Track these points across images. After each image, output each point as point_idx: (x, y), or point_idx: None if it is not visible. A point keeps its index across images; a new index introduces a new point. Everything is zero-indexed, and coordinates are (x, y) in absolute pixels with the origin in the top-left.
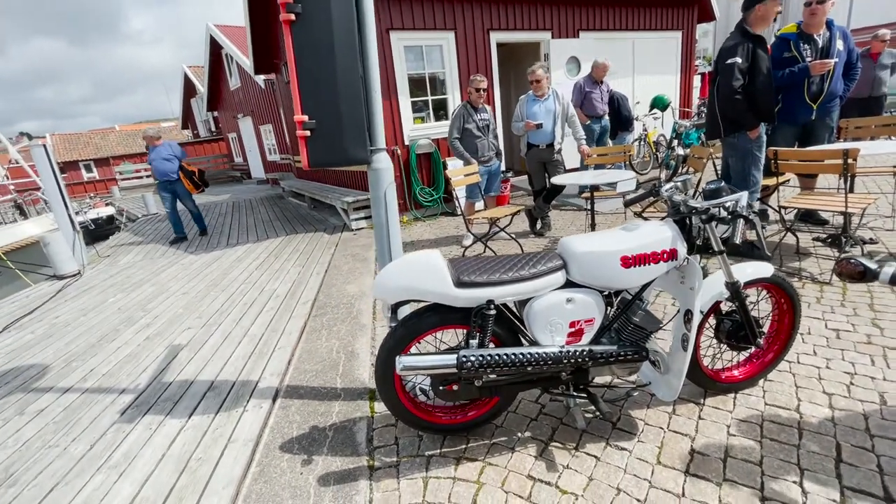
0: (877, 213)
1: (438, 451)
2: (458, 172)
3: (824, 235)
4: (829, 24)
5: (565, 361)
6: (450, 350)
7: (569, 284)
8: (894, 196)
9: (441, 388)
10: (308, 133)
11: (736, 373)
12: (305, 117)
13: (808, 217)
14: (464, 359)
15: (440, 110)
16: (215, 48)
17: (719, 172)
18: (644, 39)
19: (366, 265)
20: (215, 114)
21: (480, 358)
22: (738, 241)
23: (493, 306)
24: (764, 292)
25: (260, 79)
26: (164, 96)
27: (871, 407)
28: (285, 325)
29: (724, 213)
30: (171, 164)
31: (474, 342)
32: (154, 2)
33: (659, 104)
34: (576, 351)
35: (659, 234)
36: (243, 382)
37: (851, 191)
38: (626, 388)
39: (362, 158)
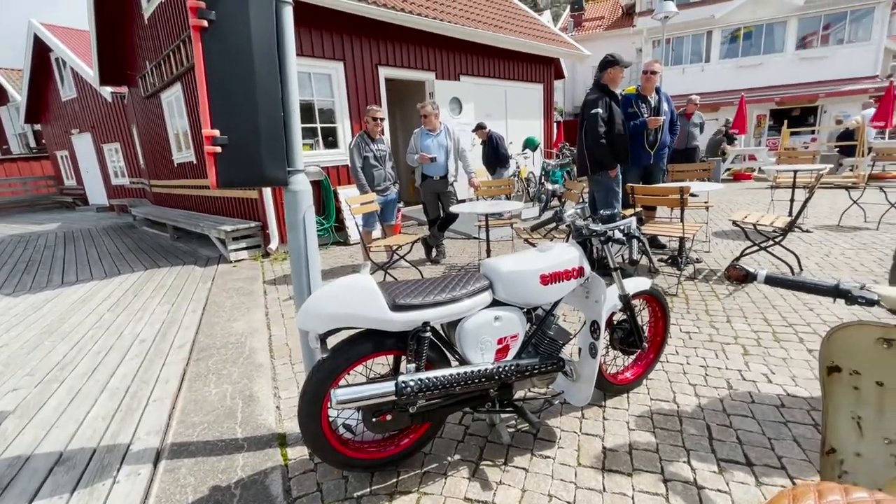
0: (697, 239)
1: (368, 489)
2: (357, 200)
3: (666, 257)
4: (658, 90)
5: (497, 377)
6: (382, 377)
7: (494, 303)
8: (706, 226)
9: (374, 419)
10: (218, 149)
11: (628, 374)
12: (216, 132)
13: (651, 242)
14: (403, 384)
15: (329, 137)
16: (41, 50)
17: (586, 203)
18: (514, 88)
19: (252, 299)
20: (37, 127)
21: (419, 382)
22: (636, 257)
23: (428, 328)
24: (643, 302)
25: (106, 91)
26: None
27: (723, 392)
28: (158, 373)
29: (619, 235)
30: None
31: (411, 366)
32: None
33: (530, 145)
34: (506, 366)
35: (568, 254)
36: (108, 448)
37: (681, 220)
38: (539, 400)
39: (280, 179)
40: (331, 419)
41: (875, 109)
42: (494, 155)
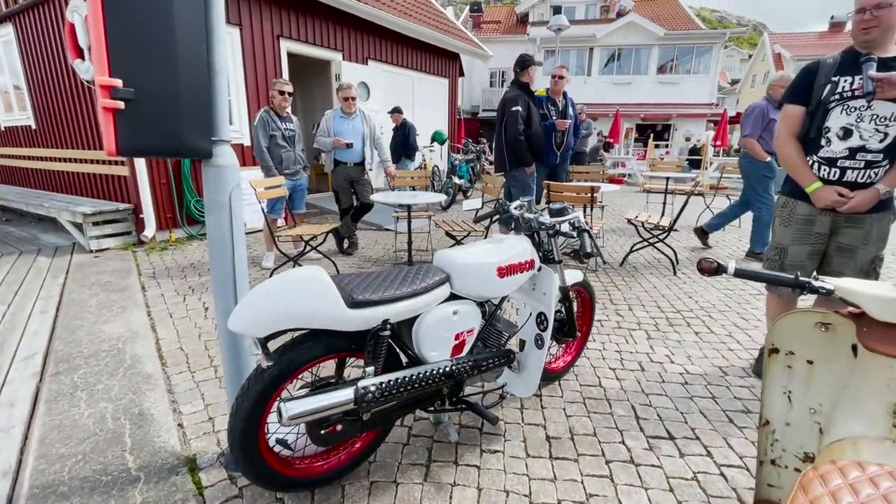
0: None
1: None
2: (262, 184)
3: (569, 250)
4: (565, 94)
5: (456, 374)
6: (327, 383)
7: (450, 297)
8: (602, 222)
9: (322, 431)
10: (120, 105)
11: (560, 362)
12: (117, 82)
13: None
14: (363, 390)
15: None
16: None
17: (501, 197)
18: (422, 80)
19: (127, 296)
20: None
21: (380, 386)
22: (589, 250)
23: (388, 326)
24: (574, 293)
25: None
26: None
27: (638, 374)
28: None
29: (566, 229)
30: None
31: (370, 369)
32: None
33: (438, 139)
34: (464, 362)
35: (521, 246)
36: None
37: (588, 216)
38: (479, 395)
39: (203, 150)
40: (267, 436)
41: (714, 132)
42: (404, 144)
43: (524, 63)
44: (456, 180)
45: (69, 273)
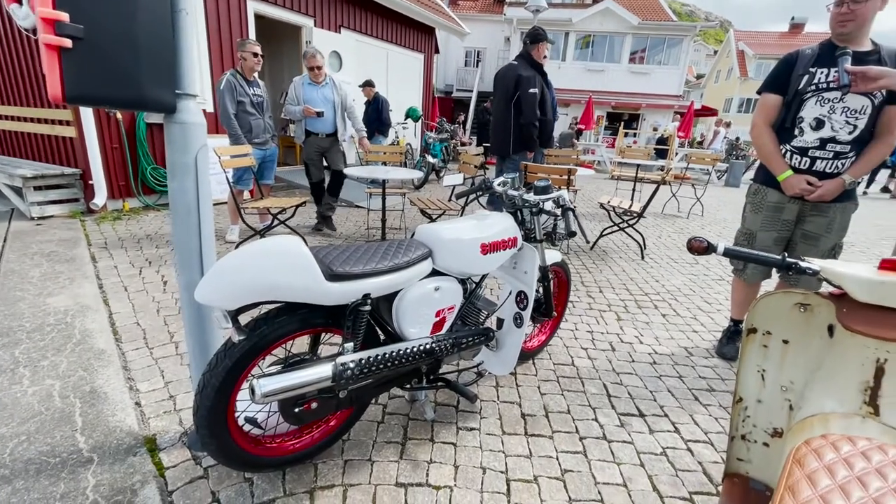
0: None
1: (282, 491)
2: (228, 151)
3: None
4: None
5: (436, 352)
6: (301, 359)
7: (431, 273)
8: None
9: (297, 409)
10: (67, 43)
11: (535, 341)
12: (63, 15)
13: None
14: (342, 367)
15: None
16: None
17: (517, 175)
18: (396, 53)
19: (75, 267)
20: None
21: (359, 363)
22: (574, 229)
23: (369, 301)
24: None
25: None
26: None
27: (609, 354)
28: None
29: (550, 207)
30: None
31: (349, 346)
32: None
33: (412, 115)
34: (445, 340)
35: (505, 223)
36: None
37: None
38: (455, 373)
39: (166, 103)
40: (236, 414)
41: (678, 123)
42: (377, 118)
43: (536, 36)
44: (430, 159)
45: (7, 241)
